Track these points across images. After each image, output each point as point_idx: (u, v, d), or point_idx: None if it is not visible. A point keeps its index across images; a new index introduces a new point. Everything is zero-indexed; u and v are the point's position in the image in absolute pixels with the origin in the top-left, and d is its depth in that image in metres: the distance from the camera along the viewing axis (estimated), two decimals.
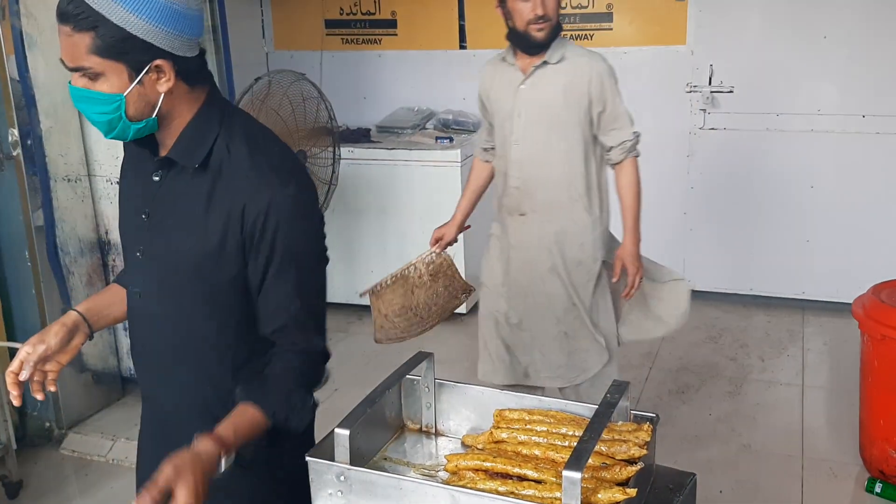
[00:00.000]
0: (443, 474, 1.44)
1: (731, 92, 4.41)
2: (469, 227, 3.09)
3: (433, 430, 1.59)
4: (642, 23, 4.50)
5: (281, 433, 1.43)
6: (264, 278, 1.45)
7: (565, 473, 1.16)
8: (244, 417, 1.38)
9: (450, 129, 4.68)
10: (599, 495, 1.23)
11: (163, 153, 1.47)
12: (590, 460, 1.26)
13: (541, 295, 2.76)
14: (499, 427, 1.46)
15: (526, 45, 2.61)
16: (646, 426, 1.40)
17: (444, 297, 3.13)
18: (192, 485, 1.22)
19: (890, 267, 3.78)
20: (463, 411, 1.58)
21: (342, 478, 1.31)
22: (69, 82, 1.38)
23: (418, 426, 1.60)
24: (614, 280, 2.78)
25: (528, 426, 1.43)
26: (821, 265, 4.46)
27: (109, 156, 3.47)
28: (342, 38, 5.04)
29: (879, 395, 2.92)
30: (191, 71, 1.40)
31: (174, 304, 1.51)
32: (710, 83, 4.42)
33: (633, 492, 1.24)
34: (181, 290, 1.49)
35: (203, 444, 1.29)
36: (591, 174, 2.71)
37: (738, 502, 2.98)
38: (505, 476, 1.32)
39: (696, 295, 4.76)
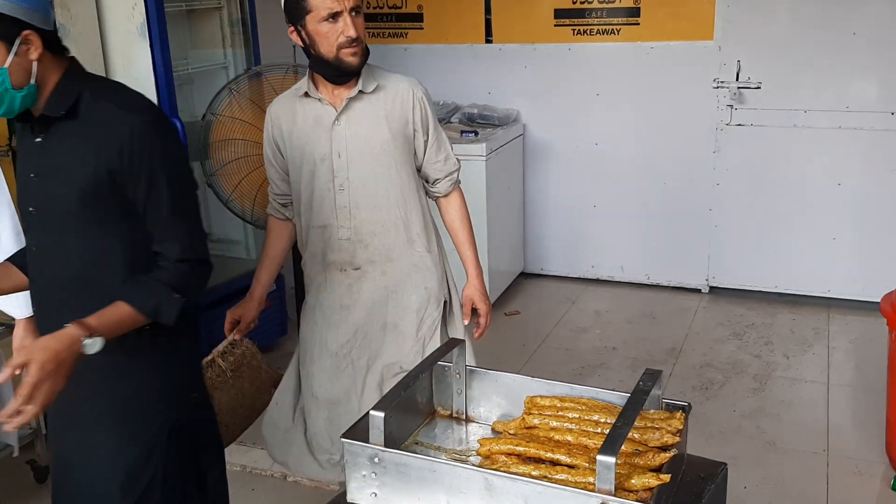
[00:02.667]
0: (474, 459, 1.46)
1: (758, 88, 4.38)
2: (269, 304, 2.65)
3: (463, 417, 1.60)
4: (669, 18, 4.48)
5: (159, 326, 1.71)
6: (146, 198, 1.69)
7: (599, 458, 1.17)
8: (112, 309, 1.65)
9: (475, 123, 4.69)
10: (633, 480, 1.24)
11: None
12: (623, 447, 1.26)
13: (384, 357, 2.41)
14: (530, 413, 1.47)
15: (336, 73, 2.22)
16: (678, 414, 1.40)
17: (251, 395, 2.59)
18: (41, 361, 1.50)
19: None
20: (493, 398, 1.59)
21: (376, 459, 1.33)
22: None
23: (449, 412, 1.61)
24: (465, 322, 2.46)
25: (560, 413, 1.44)
26: (847, 263, 4.43)
27: None
28: (369, 32, 5.04)
29: None
30: (52, 40, 1.66)
31: (66, 249, 1.74)
32: (737, 79, 4.40)
33: (666, 477, 1.24)
34: (70, 233, 1.72)
35: (63, 330, 1.57)
36: (425, 209, 2.40)
37: (763, 498, 2.97)
38: (537, 460, 1.33)
39: (721, 292, 4.78)
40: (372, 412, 1.33)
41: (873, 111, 4.21)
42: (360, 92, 2.26)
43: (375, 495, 1.34)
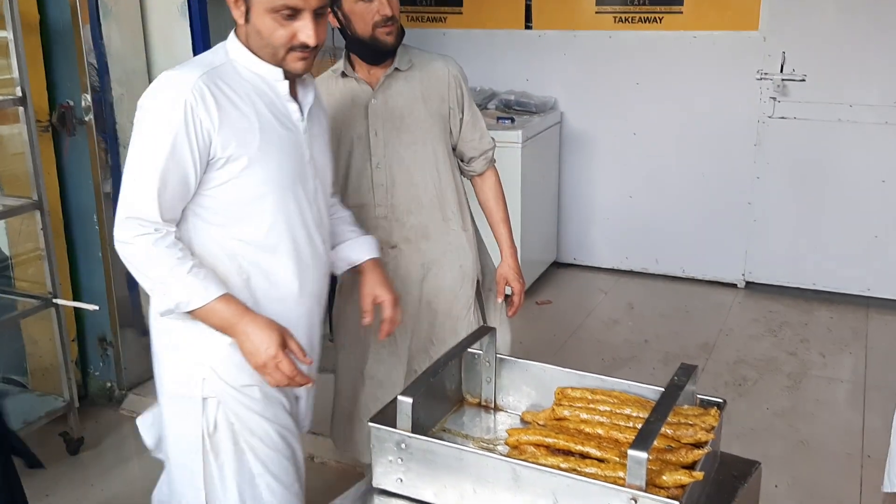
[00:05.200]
0: (501, 448, 1.44)
1: (803, 80, 4.29)
2: None
3: (492, 405, 1.58)
4: (714, 7, 4.40)
5: None
6: None
7: (631, 453, 1.14)
8: None
9: (511, 110, 4.65)
10: (664, 477, 1.21)
11: None
12: (655, 442, 1.24)
13: (417, 335, 2.43)
14: (560, 405, 1.45)
15: (372, 52, 2.23)
16: (713, 411, 1.37)
17: None
18: None
19: None
20: (523, 388, 1.57)
21: (403, 445, 1.32)
22: None
23: (478, 400, 1.59)
24: (500, 300, 2.47)
25: (591, 405, 1.42)
26: (889, 262, 4.33)
27: None
28: (407, 16, 5.03)
29: None
30: None
31: None
32: (781, 71, 4.30)
33: (699, 475, 1.22)
34: None
35: None
36: (460, 188, 2.40)
37: (794, 499, 2.92)
38: (566, 453, 1.31)
39: (757, 287, 4.71)
40: (400, 397, 1.32)
41: None
42: (396, 70, 2.28)
43: (401, 481, 1.33)
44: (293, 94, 1.79)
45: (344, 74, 2.32)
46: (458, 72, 2.35)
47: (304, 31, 1.65)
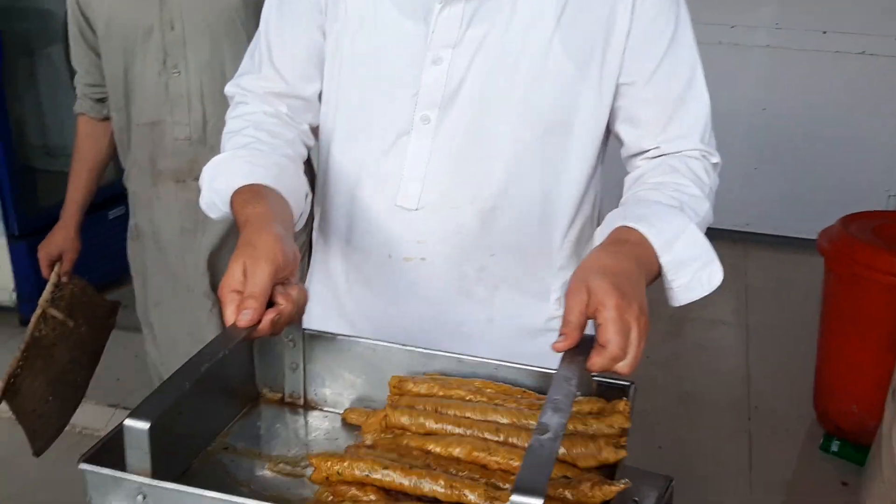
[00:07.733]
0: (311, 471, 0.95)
1: None
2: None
3: (301, 401, 1.08)
4: None
5: None
6: None
7: (515, 499, 0.67)
8: None
9: None
10: None
11: None
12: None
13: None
14: (396, 408, 0.95)
15: None
16: (621, 404, 0.92)
17: (91, 337, 2.12)
18: None
19: (845, 199, 3.41)
20: (345, 375, 1.07)
21: (140, 497, 0.80)
22: None
23: (279, 395, 1.09)
24: None
25: (443, 405, 0.93)
26: (768, 196, 4.10)
27: None
28: None
29: (845, 342, 2.55)
30: None
31: None
32: None
33: None
34: None
35: None
36: None
37: (679, 460, 2.61)
38: (406, 497, 0.82)
39: None
40: (128, 423, 0.79)
41: (807, 29, 3.84)
42: None
43: None
44: None
45: None
46: None
47: None
